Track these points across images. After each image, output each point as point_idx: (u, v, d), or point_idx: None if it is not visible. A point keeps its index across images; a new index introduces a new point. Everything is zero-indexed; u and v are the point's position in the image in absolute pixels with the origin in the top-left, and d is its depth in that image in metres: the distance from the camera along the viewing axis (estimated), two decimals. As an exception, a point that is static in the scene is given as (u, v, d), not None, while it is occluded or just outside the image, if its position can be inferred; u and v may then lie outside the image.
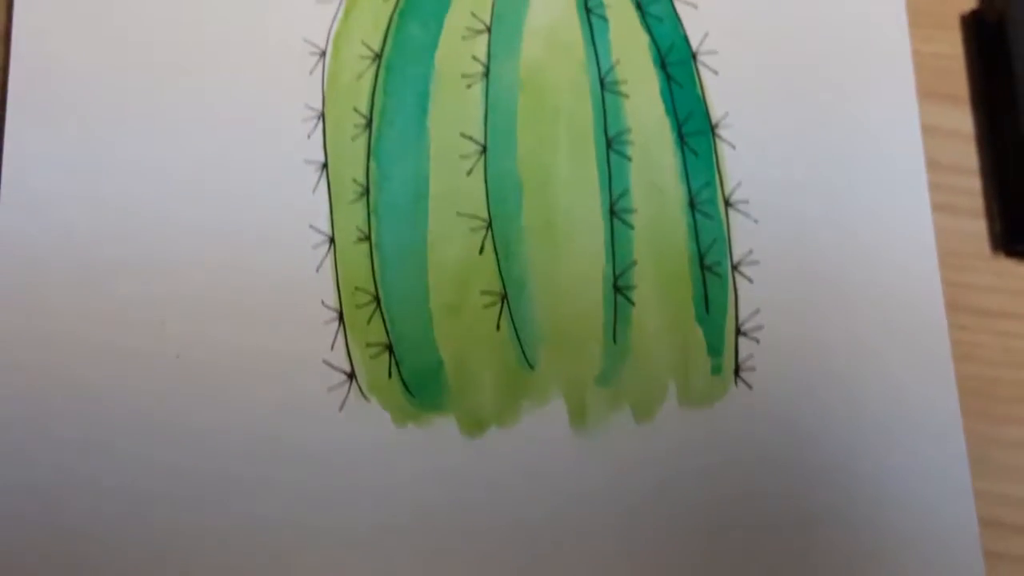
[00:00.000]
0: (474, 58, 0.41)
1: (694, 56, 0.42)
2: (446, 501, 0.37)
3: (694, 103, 0.42)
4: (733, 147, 0.41)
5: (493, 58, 0.41)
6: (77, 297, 0.39)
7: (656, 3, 0.42)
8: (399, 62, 0.41)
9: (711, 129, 0.41)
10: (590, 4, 0.42)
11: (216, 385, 0.38)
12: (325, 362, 0.39)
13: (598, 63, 0.42)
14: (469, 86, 0.41)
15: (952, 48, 0.44)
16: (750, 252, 0.40)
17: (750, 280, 0.40)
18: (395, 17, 0.42)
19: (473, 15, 0.42)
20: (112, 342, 0.38)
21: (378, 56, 0.41)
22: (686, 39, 0.42)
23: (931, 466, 0.38)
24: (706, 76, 0.42)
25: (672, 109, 0.41)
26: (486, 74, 0.41)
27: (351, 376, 0.39)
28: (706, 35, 0.42)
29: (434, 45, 0.42)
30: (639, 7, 0.42)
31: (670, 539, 0.37)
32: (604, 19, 0.42)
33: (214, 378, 0.38)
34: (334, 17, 0.42)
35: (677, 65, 0.42)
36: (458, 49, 0.42)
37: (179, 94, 0.41)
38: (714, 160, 0.41)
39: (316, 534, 0.37)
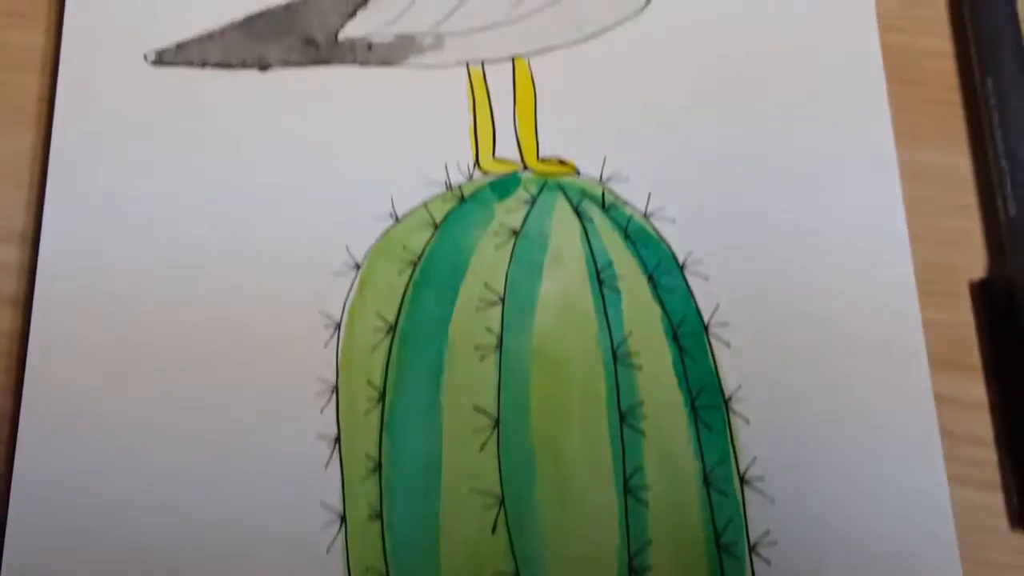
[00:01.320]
0: (488, 329, 0.42)
1: (706, 328, 0.43)
2: None
3: (707, 376, 0.42)
4: (747, 421, 0.41)
5: (507, 329, 0.42)
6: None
7: (668, 275, 0.43)
8: (413, 334, 0.42)
9: (724, 403, 0.42)
10: (603, 276, 0.43)
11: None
12: (335, 651, 0.38)
13: (611, 335, 0.42)
14: (483, 358, 0.42)
15: (963, 316, 0.44)
16: (767, 533, 0.40)
17: (768, 562, 0.40)
18: (410, 288, 0.43)
19: (487, 286, 0.43)
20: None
21: (392, 328, 0.42)
22: (698, 311, 0.43)
23: None
24: (719, 348, 0.42)
25: (685, 382, 0.42)
26: (499, 346, 0.42)
27: (361, 665, 0.38)
28: (717, 307, 0.43)
29: (448, 316, 0.42)
30: (651, 279, 0.43)
31: None
32: (616, 291, 0.43)
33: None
34: (350, 289, 0.43)
35: (689, 337, 0.42)
36: (472, 320, 0.42)
37: (193, 369, 0.41)
38: (728, 435, 0.41)
39: None
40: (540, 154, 0.45)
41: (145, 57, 0.45)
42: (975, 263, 0.45)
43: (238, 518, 0.39)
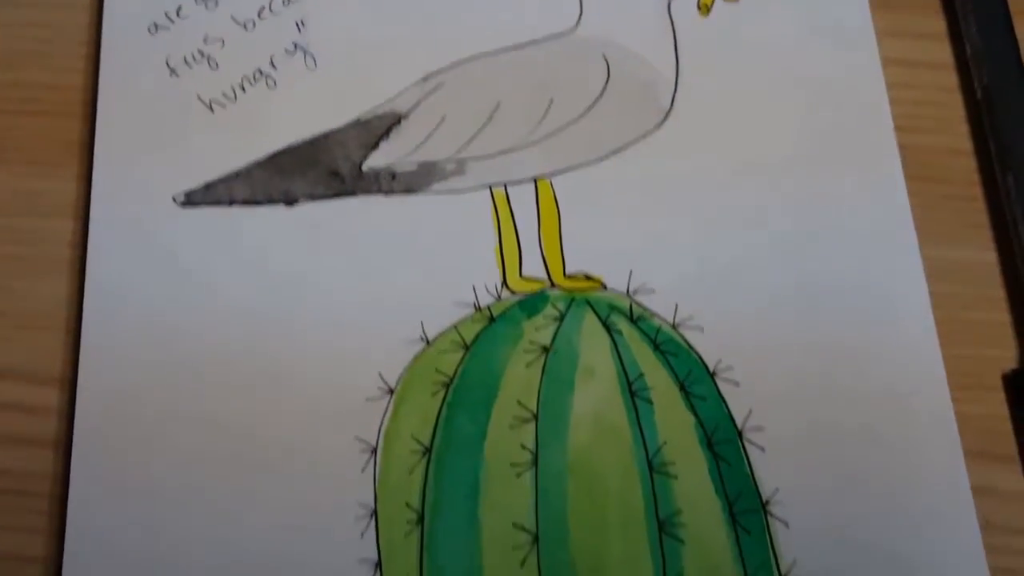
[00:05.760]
0: (523, 446, 0.47)
1: (740, 434, 0.47)
2: None
3: (743, 481, 0.46)
4: (786, 524, 0.46)
5: (541, 445, 0.47)
6: None
7: (699, 383, 0.48)
8: (449, 454, 0.47)
9: (762, 507, 0.46)
10: (634, 388, 0.48)
11: None
12: None
13: (645, 446, 0.47)
14: (519, 475, 0.46)
15: (998, 408, 0.49)
16: (810, 635, 0.44)
17: (812, 663, 0.44)
18: (443, 410, 0.47)
19: (520, 404, 0.47)
20: None
21: (428, 450, 0.47)
22: (731, 417, 0.47)
23: None
24: (754, 453, 0.47)
25: (722, 489, 0.46)
26: (535, 462, 0.46)
27: None
28: (750, 412, 0.47)
29: (482, 435, 0.47)
30: (682, 388, 0.48)
31: None
32: (649, 402, 0.47)
33: None
34: (384, 413, 0.47)
35: (723, 444, 0.47)
36: (506, 438, 0.47)
37: (232, 502, 0.46)
38: (768, 539, 0.45)
39: None
40: (566, 270, 0.50)
41: (174, 199, 0.51)
42: (1007, 355, 0.50)
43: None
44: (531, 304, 0.49)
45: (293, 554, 0.44)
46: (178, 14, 0.54)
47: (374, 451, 0.46)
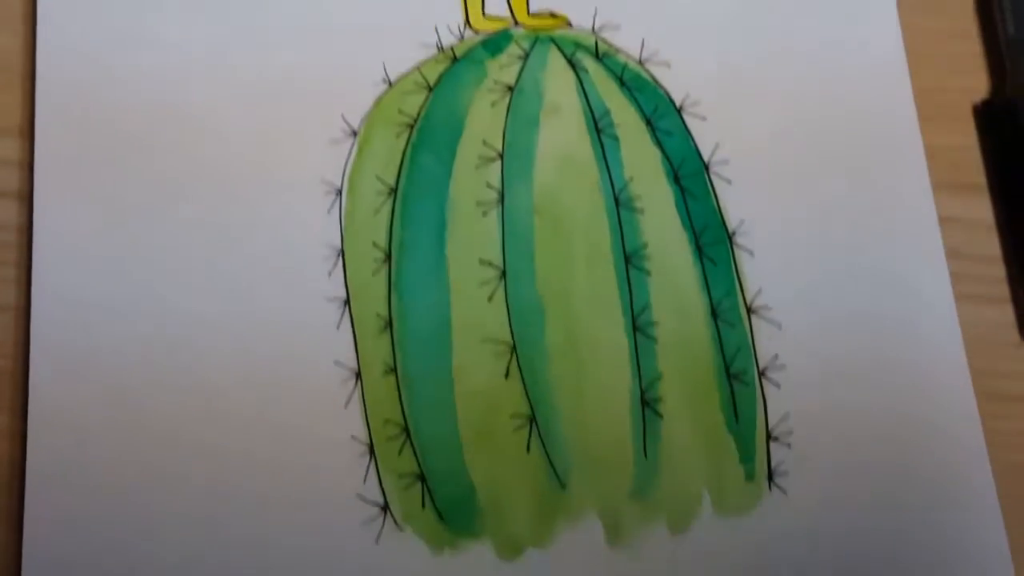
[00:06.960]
0: (488, 185, 0.47)
1: (706, 167, 0.48)
2: (487, 627, 0.43)
3: (709, 214, 0.47)
4: (751, 254, 0.47)
5: (507, 184, 0.47)
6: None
7: (665, 118, 0.48)
8: (415, 194, 0.47)
9: (728, 238, 0.47)
10: (600, 124, 0.48)
11: (250, 527, 0.43)
12: (358, 496, 0.44)
13: (611, 181, 0.47)
14: (485, 213, 0.47)
15: (967, 139, 0.49)
16: (776, 357, 0.45)
17: (777, 385, 0.45)
18: (408, 150, 0.48)
19: (485, 143, 0.48)
20: (140, 481, 0.44)
21: (394, 190, 0.47)
22: (697, 151, 0.48)
23: (974, 564, 0.43)
24: (720, 186, 0.47)
25: (688, 221, 0.47)
26: (501, 200, 0.47)
27: (385, 508, 0.44)
28: (717, 146, 0.48)
29: (448, 175, 0.48)
30: (648, 123, 0.48)
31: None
32: (615, 138, 0.48)
33: (246, 520, 0.43)
34: (348, 155, 0.48)
35: (690, 177, 0.48)
36: (472, 177, 0.47)
37: (199, 241, 0.47)
38: (733, 268, 0.46)
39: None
40: (530, 9, 0.50)
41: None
42: (978, 86, 0.50)
43: (256, 382, 0.45)
44: (495, 43, 0.49)
45: (260, 292, 0.45)
46: None
47: (339, 192, 0.47)
